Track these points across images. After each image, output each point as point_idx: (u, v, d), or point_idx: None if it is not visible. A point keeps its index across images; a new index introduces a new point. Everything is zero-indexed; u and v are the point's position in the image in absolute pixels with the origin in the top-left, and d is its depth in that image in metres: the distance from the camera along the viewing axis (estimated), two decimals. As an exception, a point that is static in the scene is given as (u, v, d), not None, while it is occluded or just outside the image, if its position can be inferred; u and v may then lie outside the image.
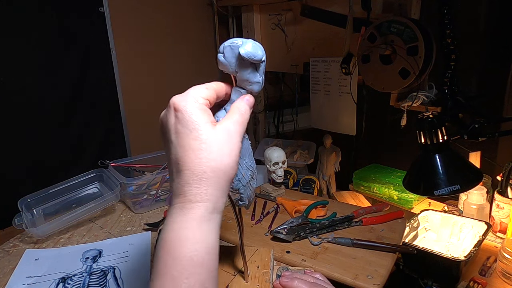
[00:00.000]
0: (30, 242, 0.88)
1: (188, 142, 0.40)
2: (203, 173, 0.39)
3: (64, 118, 1.13)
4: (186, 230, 0.38)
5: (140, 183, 1.02)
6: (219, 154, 0.40)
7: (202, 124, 0.40)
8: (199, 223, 0.39)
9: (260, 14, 1.40)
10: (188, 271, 0.37)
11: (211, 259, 0.39)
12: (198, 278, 0.37)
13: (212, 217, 0.40)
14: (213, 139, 0.40)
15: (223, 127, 0.42)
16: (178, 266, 0.37)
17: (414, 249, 0.78)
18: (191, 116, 0.40)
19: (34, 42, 1.03)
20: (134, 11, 1.28)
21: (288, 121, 1.64)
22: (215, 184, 0.40)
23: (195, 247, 0.38)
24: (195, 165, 0.39)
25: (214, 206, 0.40)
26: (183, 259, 0.37)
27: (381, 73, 0.94)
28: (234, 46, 0.45)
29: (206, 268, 0.38)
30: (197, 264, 0.38)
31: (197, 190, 0.39)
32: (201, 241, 0.38)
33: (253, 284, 0.64)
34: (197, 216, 0.39)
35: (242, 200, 0.54)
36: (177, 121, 0.41)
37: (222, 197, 0.41)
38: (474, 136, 0.82)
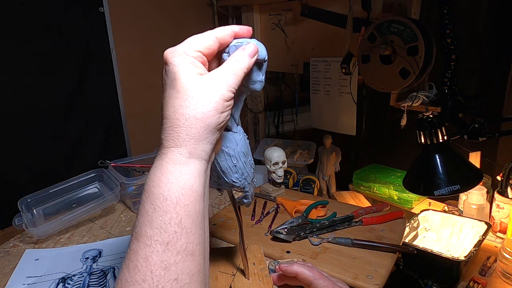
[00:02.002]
0: (30, 242, 0.88)
1: (169, 92, 0.42)
2: (176, 119, 0.40)
3: (64, 118, 1.13)
4: (161, 173, 0.40)
5: (140, 183, 1.02)
6: (194, 101, 0.40)
7: (184, 74, 0.41)
8: (172, 166, 0.40)
9: (260, 14, 1.40)
10: (161, 209, 0.38)
11: (187, 199, 0.39)
12: (172, 216, 0.38)
13: (190, 162, 0.40)
14: (190, 88, 0.41)
15: (208, 76, 0.42)
16: (152, 205, 0.39)
17: (414, 249, 0.79)
18: (174, 68, 0.41)
19: (34, 42, 1.03)
20: (134, 11, 1.27)
21: (288, 121, 1.64)
22: (188, 131, 0.40)
23: (167, 187, 0.39)
24: (170, 113, 0.41)
25: (189, 152, 0.40)
26: (156, 198, 0.39)
27: (381, 73, 0.94)
28: (239, 45, 0.45)
29: (182, 207, 0.39)
30: (171, 203, 0.38)
31: (170, 135, 0.41)
32: (175, 182, 0.39)
33: (255, 281, 0.64)
34: (170, 159, 0.40)
35: (246, 198, 0.55)
36: (165, 74, 0.43)
37: (199, 144, 0.41)
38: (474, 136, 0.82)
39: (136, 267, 0.37)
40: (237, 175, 0.51)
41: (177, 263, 0.38)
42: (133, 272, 0.37)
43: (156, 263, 0.37)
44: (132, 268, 0.37)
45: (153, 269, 0.37)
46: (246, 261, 0.65)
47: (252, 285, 0.64)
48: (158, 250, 0.37)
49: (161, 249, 0.37)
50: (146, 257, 0.37)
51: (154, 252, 0.37)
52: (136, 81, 1.31)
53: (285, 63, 1.37)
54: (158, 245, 0.37)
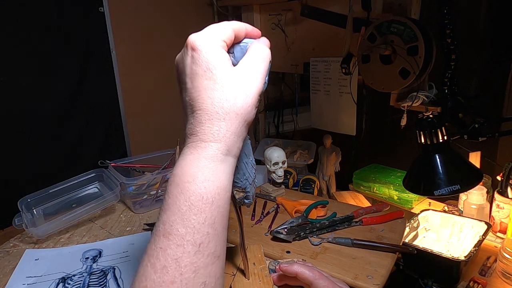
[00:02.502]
0: (30, 242, 0.88)
1: (202, 82, 0.39)
2: (215, 113, 0.38)
3: (64, 118, 1.13)
4: (197, 168, 0.38)
5: (140, 183, 1.02)
6: (234, 95, 0.38)
7: (218, 64, 0.39)
8: (211, 162, 0.38)
9: (260, 14, 1.40)
10: (196, 207, 0.36)
11: (222, 199, 0.38)
12: (207, 216, 0.37)
13: (226, 159, 0.39)
14: (228, 80, 0.39)
15: (242, 67, 0.40)
16: (187, 202, 0.37)
17: (414, 249, 0.79)
18: (206, 56, 0.39)
19: (34, 42, 1.03)
20: (134, 11, 1.27)
21: (288, 121, 1.64)
22: (229, 126, 0.38)
23: (205, 185, 0.37)
24: (207, 105, 0.38)
25: (227, 148, 0.39)
26: (192, 195, 0.37)
27: (381, 73, 0.94)
28: (244, 47, 0.45)
29: (216, 208, 0.37)
30: (207, 202, 0.37)
31: (209, 129, 0.38)
32: (212, 180, 0.37)
33: (255, 281, 0.64)
34: (208, 155, 0.38)
35: (247, 199, 0.55)
36: (193, 61, 0.39)
37: (236, 141, 0.39)
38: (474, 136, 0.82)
39: (165, 268, 0.35)
40: (238, 175, 0.51)
41: (206, 266, 0.36)
42: (161, 272, 0.35)
43: (186, 265, 0.35)
44: (160, 268, 0.35)
45: (183, 271, 0.35)
46: (246, 261, 0.65)
47: (252, 285, 0.64)
48: (189, 251, 0.36)
49: (192, 250, 0.36)
50: (176, 258, 0.35)
51: (185, 253, 0.35)
52: (136, 81, 1.31)
53: (285, 63, 1.37)
54: (190, 246, 0.36)
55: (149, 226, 0.92)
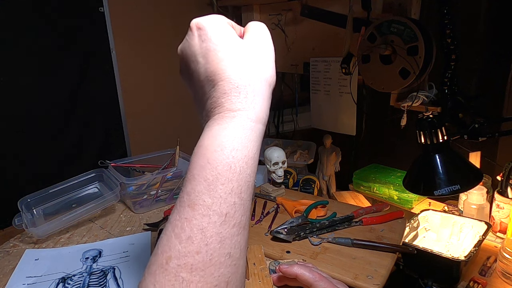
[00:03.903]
0: (30, 242, 0.88)
1: (217, 54, 0.38)
2: (239, 79, 0.37)
3: (64, 118, 1.13)
4: (225, 138, 0.37)
5: (140, 183, 1.02)
6: (253, 60, 0.38)
7: (228, 35, 0.39)
8: (240, 131, 0.37)
9: (260, 14, 1.40)
10: (224, 177, 0.36)
11: (250, 168, 0.37)
12: (234, 186, 0.36)
13: (255, 127, 0.38)
14: (243, 47, 0.39)
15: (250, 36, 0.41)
16: (214, 171, 0.36)
17: (414, 249, 0.79)
18: (214, 31, 0.39)
19: (34, 42, 1.03)
20: (134, 11, 1.27)
21: (288, 121, 1.64)
22: (255, 91, 0.38)
23: (233, 154, 0.36)
24: (230, 74, 0.38)
25: (256, 115, 0.38)
26: (219, 164, 0.36)
27: (381, 73, 0.94)
28: None
29: (244, 177, 0.37)
30: (235, 172, 0.36)
31: (236, 98, 0.37)
32: (241, 149, 0.37)
33: (255, 281, 0.64)
34: (237, 124, 0.37)
35: None
36: (202, 40, 0.39)
37: (264, 105, 0.39)
38: (474, 136, 0.82)
39: (190, 238, 0.34)
40: None
41: (232, 236, 0.36)
42: (186, 243, 0.34)
43: (212, 235, 0.34)
44: (185, 239, 0.34)
45: (208, 241, 0.34)
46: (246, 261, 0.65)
47: (252, 285, 0.64)
48: (215, 222, 0.35)
49: (219, 220, 0.35)
50: (202, 228, 0.34)
51: (211, 223, 0.35)
52: (136, 81, 1.31)
53: (285, 63, 1.37)
54: (216, 216, 0.35)
55: (149, 226, 0.92)
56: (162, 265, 0.34)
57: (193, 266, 0.34)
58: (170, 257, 0.34)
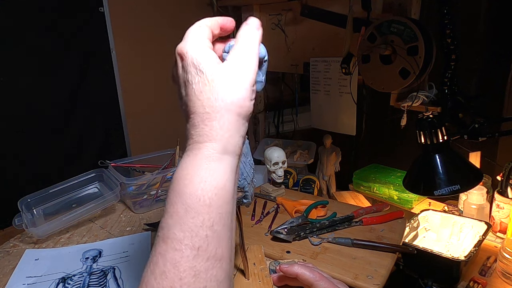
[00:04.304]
0: (30, 242, 0.88)
1: (193, 87, 0.39)
2: (206, 113, 0.38)
3: (64, 118, 1.13)
4: (192, 170, 0.37)
5: (140, 183, 1.02)
6: (223, 91, 0.38)
7: (206, 65, 0.39)
8: (206, 163, 0.37)
9: (260, 14, 1.40)
10: (194, 210, 0.36)
11: (220, 199, 0.37)
12: (205, 218, 0.36)
13: (223, 158, 0.38)
14: (216, 77, 0.38)
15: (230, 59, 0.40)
16: (184, 205, 0.36)
17: (414, 249, 0.79)
18: (193, 61, 0.39)
19: (34, 42, 1.03)
20: (134, 11, 1.27)
21: (288, 121, 1.64)
22: (221, 123, 0.38)
23: (201, 186, 0.36)
24: (198, 107, 0.38)
25: (223, 146, 0.38)
26: (188, 198, 0.36)
27: (381, 73, 0.94)
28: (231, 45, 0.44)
29: (215, 209, 0.37)
30: (204, 204, 0.36)
31: (203, 130, 0.38)
32: (209, 181, 0.37)
33: (255, 281, 0.64)
34: (204, 155, 0.38)
35: (246, 198, 0.55)
36: (183, 71, 0.40)
37: (233, 136, 0.39)
38: (474, 136, 0.82)
39: (164, 273, 0.35)
40: None
41: (206, 270, 0.35)
42: (160, 278, 0.35)
43: (185, 270, 0.34)
44: (159, 274, 0.35)
45: (182, 276, 0.34)
46: (246, 261, 0.65)
47: (252, 285, 0.64)
48: (188, 256, 0.35)
49: (191, 254, 0.35)
50: (175, 263, 0.35)
51: (183, 258, 0.35)
52: (136, 81, 1.30)
53: (285, 63, 1.37)
54: (188, 250, 0.35)
55: (149, 226, 0.92)
56: None
57: None
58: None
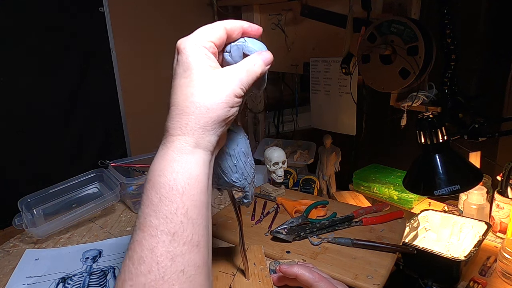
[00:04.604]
0: (30, 242, 0.88)
1: (180, 81, 0.41)
2: (185, 107, 0.39)
3: (64, 118, 1.13)
4: (166, 162, 0.39)
5: (140, 183, 1.02)
6: (206, 92, 0.40)
7: (197, 65, 0.40)
8: (178, 155, 0.39)
9: (260, 14, 1.40)
10: (167, 198, 0.38)
11: (193, 189, 0.39)
12: (179, 206, 0.38)
13: (195, 152, 0.40)
14: (203, 78, 0.40)
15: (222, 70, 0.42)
16: (158, 194, 0.38)
17: (414, 249, 0.79)
18: (187, 58, 0.40)
19: (34, 42, 1.03)
20: (134, 11, 1.27)
21: (288, 121, 1.64)
22: (197, 119, 0.39)
23: (174, 177, 0.38)
24: (179, 100, 0.40)
25: (195, 141, 0.40)
26: (162, 187, 0.38)
27: (381, 73, 0.94)
28: (241, 46, 0.45)
29: (188, 197, 0.38)
30: (177, 193, 0.38)
31: (177, 123, 0.40)
32: (181, 172, 0.39)
33: (255, 281, 0.64)
34: (176, 148, 0.39)
35: (246, 198, 0.55)
36: (177, 64, 0.41)
37: (206, 134, 0.40)
38: (474, 136, 0.82)
39: (141, 258, 0.36)
40: (237, 175, 0.51)
41: (183, 254, 0.37)
42: (137, 263, 0.36)
43: (162, 254, 0.36)
44: (137, 259, 0.36)
45: (159, 260, 0.36)
46: (246, 261, 0.65)
47: (252, 285, 0.64)
48: (164, 241, 0.37)
49: (167, 239, 0.37)
50: (151, 248, 0.36)
51: (160, 243, 0.36)
52: (136, 81, 1.31)
53: (285, 63, 1.37)
54: (164, 236, 0.37)
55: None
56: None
57: (145, 285, 0.35)
58: (124, 280, 0.36)
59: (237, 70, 0.42)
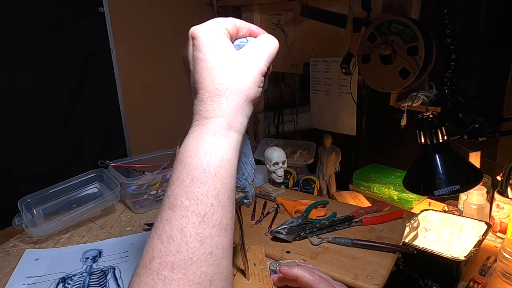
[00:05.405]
0: (30, 242, 0.88)
1: (203, 64, 0.40)
2: (215, 89, 0.39)
3: (64, 118, 1.13)
4: (199, 143, 0.39)
5: (140, 183, 1.02)
6: (235, 73, 0.40)
7: (218, 45, 0.40)
8: (212, 137, 0.39)
9: (260, 14, 1.40)
10: (199, 180, 0.37)
11: (225, 172, 0.39)
12: (210, 188, 0.38)
13: (228, 134, 0.40)
14: (228, 59, 0.40)
15: (245, 49, 0.42)
16: (190, 175, 0.38)
17: (414, 249, 0.79)
18: (206, 40, 0.40)
19: (34, 42, 1.03)
20: (134, 11, 1.27)
21: (288, 121, 1.64)
22: (229, 101, 0.39)
23: (207, 158, 0.38)
24: (208, 83, 0.40)
25: (229, 123, 0.40)
26: (194, 168, 0.38)
27: (381, 73, 0.94)
28: (243, 44, 0.45)
29: (220, 180, 0.38)
30: (209, 175, 0.38)
31: (210, 106, 0.39)
32: (214, 154, 0.38)
33: (255, 281, 0.64)
34: (210, 130, 0.39)
35: (247, 198, 0.55)
36: (194, 49, 0.41)
37: (239, 115, 0.40)
38: (474, 136, 0.82)
39: (171, 238, 0.36)
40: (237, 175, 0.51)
41: (212, 237, 0.37)
42: (167, 242, 0.36)
43: (191, 235, 0.36)
44: (166, 239, 0.36)
45: (188, 240, 0.36)
46: (246, 261, 0.65)
47: (252, 286, 0.64)
48: (194, 222, 0.36)
49: (197, 221, 0.37)
50: (181, 228, 0.36)
51: (190, 224, 0.36)
52: (136, 81, 1.30)
53: (285, 63, 1.37)
54: (194, 217, 0.37)
55: (149, 226, 0.92)
56: (146, 265, 0.36)
57: (174, 264, 0.35)
58: (153, 257, 0.36)
59: (258, 47, 0.43)
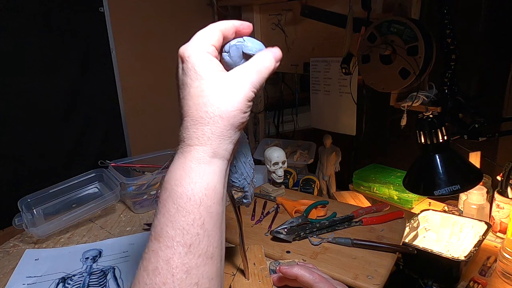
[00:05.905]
0: (30, 242, 0.88)
1: (190, 91, 0.40)
2: (200, 118, 0.39)
3: (64, 118, 1.13)
4: (183, 171, 0.39)
5: (140, 183, 1.02)
6: (219, 99, 0.39)
7: (205, 73, 0.40)
8: (196, 165, 0.39)
9: (260, 14, 1.40)
10: (185, 209, 0.37)
11: (210, 200, 0.39)
12: (196, 217, 0.37)
13: (213, 161, 0.40)
14: (214, 85, 0.39)
15: (232, 74, 0.41)
16: (175, 204, 0.38)
17: (414, 249, 0.79)
18: (194, 67, 0.40)
19: (34, 42, 1.03)
20: (134, 11, 1.28)
21: (288, 121, 1.64)
22: (213, 129, 0.39)
23: (191, 187, 0.38)
24: (193, 111, 0.39)
25: (213, 151, 0.39)
26: (179, 197, 0.38)
27: (381, 73, 0.94)
28: (240, 45, 0.44)
29: (205, 208, 0.38)
30: (194, 204, 0.38)
31: (194, 134, 0.39)
32: (199, 182, 0.38)
33: (255, 281, 0.64)
34: (194, 158, 0.39)
35: (246, 198, 0.55)
36: (183, 73, 0.41)
37: (223, 142, 0.40)
38: (474, 136, 0.82)
39: (157, 269, 0.36)
40: (236, 175, 0.51)
41: (198, 267, 0.37)
42: (152, 274, 0.36)
43: (177, 266, 0.36)
44: (152, 271, 0.36)
45: (174, 272, 0.36)
46: (246, 261, 0.65)
47: (251, 285, 0.64)
48: (180, 252, 0.36)
49: (183, 251, 0.36)
50: (167, 259, 0.36)
51: (175, 254, 0.36)
52: (136, 81, 1.31)
53: (285, 63, 1.37)
54: (180, 247, 0.36)
55: (149, 226, 0.92)
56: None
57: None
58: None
59: (247, 72, 0.41)
